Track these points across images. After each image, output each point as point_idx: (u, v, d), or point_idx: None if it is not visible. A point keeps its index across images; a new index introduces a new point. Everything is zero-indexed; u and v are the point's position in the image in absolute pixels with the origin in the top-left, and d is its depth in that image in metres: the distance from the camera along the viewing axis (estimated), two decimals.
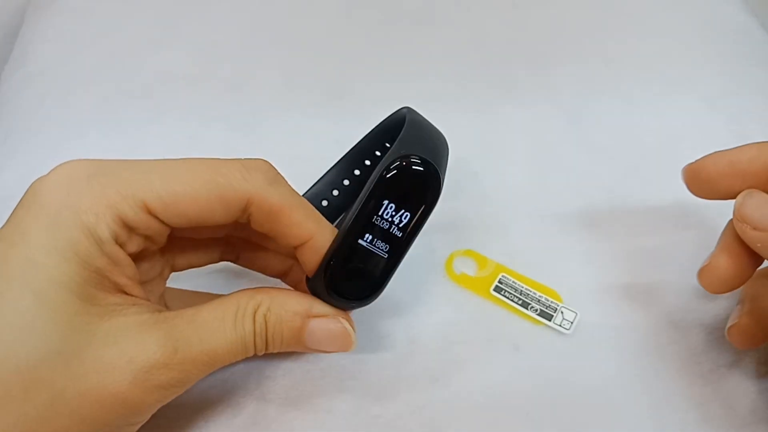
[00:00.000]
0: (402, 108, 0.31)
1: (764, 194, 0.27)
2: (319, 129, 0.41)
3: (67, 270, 0.22)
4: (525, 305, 0.32)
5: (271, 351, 0.26)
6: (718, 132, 0.41)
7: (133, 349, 0.22)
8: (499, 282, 0.33)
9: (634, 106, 0.42)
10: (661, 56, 0.46)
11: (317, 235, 0.25)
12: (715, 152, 0.28)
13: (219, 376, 0.29)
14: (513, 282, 0.33)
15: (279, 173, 0.26)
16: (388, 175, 0.25)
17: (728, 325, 0.29)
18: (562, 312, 0.32)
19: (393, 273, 0.26)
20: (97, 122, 0.41)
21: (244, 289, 0.26)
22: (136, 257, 0.25)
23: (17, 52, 0.47)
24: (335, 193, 0.34)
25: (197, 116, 0.41)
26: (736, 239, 0.27)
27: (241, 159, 0.25)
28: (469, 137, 0.40)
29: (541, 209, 0.36)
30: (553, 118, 0.41)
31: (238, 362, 0.25)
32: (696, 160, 0.29)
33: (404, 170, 0.25)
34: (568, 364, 0.30)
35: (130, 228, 0.24)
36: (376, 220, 0.25)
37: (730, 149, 0.28)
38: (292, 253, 0.27)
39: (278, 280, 0.30)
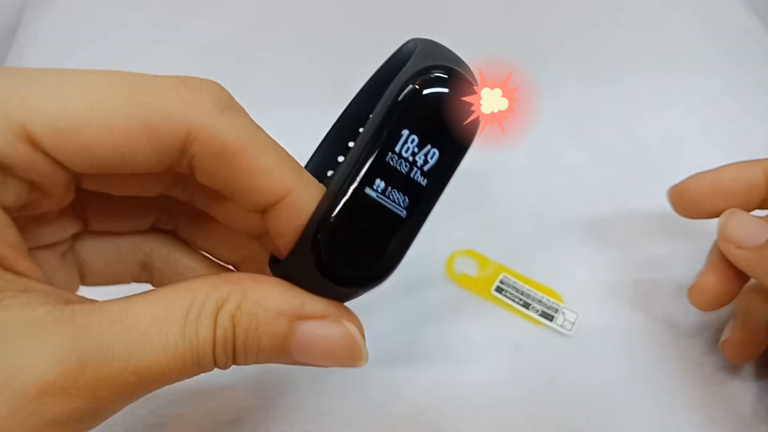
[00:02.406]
0: (408, 41, 0.22)
1: (746, 213, 0.27)
2: (320, 125, 0.40)
3: None
4: (526, 306, 0.32)
5: (242, 364, 0.18)
6: (720, 132, 0.40)
7: (13, 364, 0.14)
8: (501, 282, 0.33)
9: (636, 106, 0.42)
10: (663, 56, 0.46)
11: (297, 189, 0.18)
12: (697, 173, 0.29)
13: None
14: (514, 282, 0.33)
15: (235, 101, 0.19)
16: (406, 94, 0.17)
17: (722, 339, 0.29)
18: (563, 313, 0.32)
19: (413, 240, 0.18)
20: None
21: (206, 276, 0.18)
22: (27, 218, 0.18)
23: (14, 52, 0.46)
24: (330, 174, 0.24)
25: None
26: (722, 258, 0.28)
27: (180, 76, 0.18)
28: None
29: (542, 209, 0.36)
30: (554, 118, 0.41)
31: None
32: (679, 182, 0.30)
33: (431, 85, 0.17)
34: (569, 366, 0.30)
35: (2, 166, 0.16)
36: (392, 159, 0.17)
37: (711, 170, 0.29)
38: (255, 229, 0.20)
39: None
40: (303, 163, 0.32)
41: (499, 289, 0.33)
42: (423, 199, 0.18)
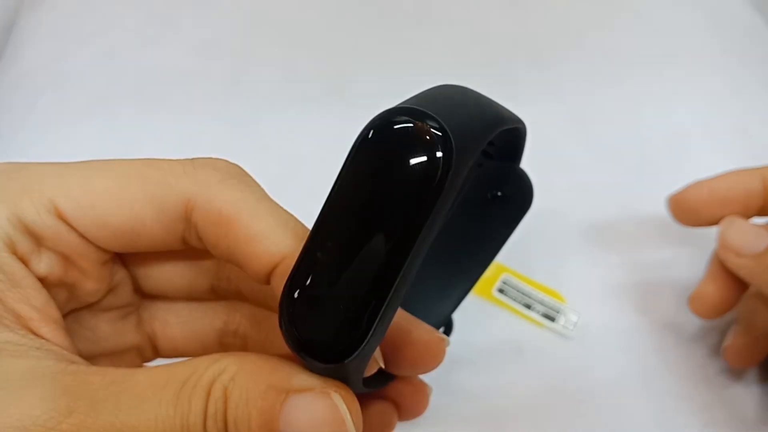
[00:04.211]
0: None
1: (745, 221, 0.28)
2: (319, 126, 0.40)
3: None
4: (528, 307, 0.32)
5: None
6: (723, 131, 0.40)
7: (3, 400, 0.15)
8: (502, 283, 0.33)
9: (639, 105, 0.42)
10: (665, 55, 0.45)
11: (293, 254, 0.17)
12: (696, 182, 0.29)
13: None
14: (516, 283, 0.33)
15: (245, 173, 0.19)
16: (358, 146, 0.16)
17: (723, 345, 0.29)
18: (565, 314, 0.31)
19: (386, 306, 0.15)
20: (91, 121, 0.40)
21: (217, 353, 0.18)
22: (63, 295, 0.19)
23: (11, 50, 0.46)
24: None
25: (194, 114, 0.41)
26: (722, 266, 0.28)
27: (195, 157, 0.19)
28: None
29: (544, 210, 0.36)
30: (556, 117, 0.41)
31: None
32: (678, 191, 0.30)
33: (380, 133, 0.15)
34: (571, 367, 0.30)
35: (35, 236, 0.18)
36: (349, 223, 0.16)
37: (710, 178, 0.29)
38: None
39: None
40: (302, 161, 0.31)
41: (500, 290, 0.32)
42: (387, 255, 0.15)
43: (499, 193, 0.25)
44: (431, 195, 0.15)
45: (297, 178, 0.26)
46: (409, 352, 0.20)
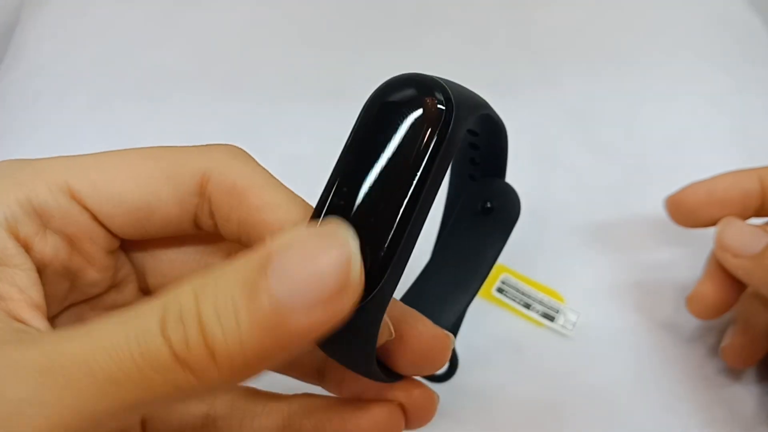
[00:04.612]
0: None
1: (742, 222, 0.28)
2: (319, 126, 0.40)
3: None
4: (527, 306, 0.32)
5: (227, 370, 0.14)
6: (722, 131, 0.40)
7: None
8: (502, 283, 0.33)
9: (638, 105, 0.42)
10: (665, 55, 0.45)
11: (304, 223, 0.17)
12: (693, 183, 0.30)
13: None
14: (515, 283, 0.33)
15: (252, 157, 0.20)
16: (368, 106, 0.17)
17: (722, 345, 0.29)
18: (564, 314, 0.32)
19: (400, 248, 0.16)
20: (93, 121, 0.41)
21: None
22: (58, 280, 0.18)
23: (12, 51, 0.46)
24: None
25: (194, 115, 0.41)
26: (719, 267, 0.28)
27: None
28: None
29: (544, 209, 0.36)
30: (556, 117, 0.41)
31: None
32: (675, 192, 0.30)
33: (390, 90, 0.17)
34: (570, 367, 0.30)
35: (43, 217, 0.18)
36: (361, 171, 0.17)
37: (707, 179, 0.29)
38: None
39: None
40: (302, 162, 0.31)
41: (500, 290, 0.32)
42: (397, 201, 0.16)
43: (489, 205, 0.27)
44: (440, 139, 0.16)
45: (297, 178, 0.26)
46: (416, 345, 0.19)
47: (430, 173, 0.16)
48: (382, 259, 0.16)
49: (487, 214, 0.27)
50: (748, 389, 0.29)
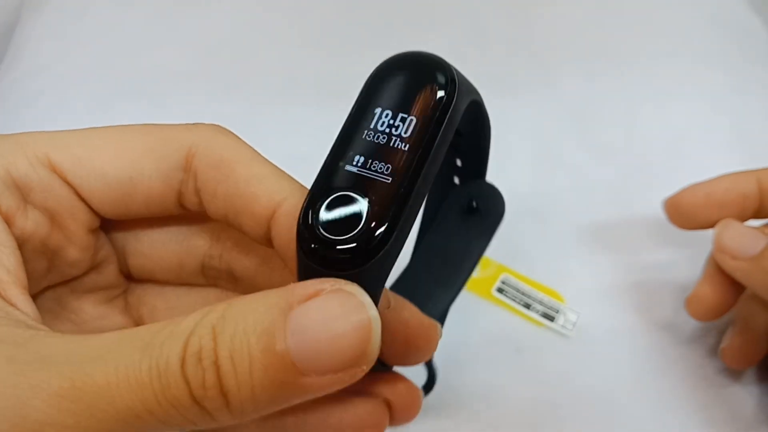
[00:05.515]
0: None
1: (740, 224, 0.28)
2: (319, 126, 0.40)
3: None
4: (527, 306, 0.32)
5: (238, 412, 0.14)
6: (722, 132, 0.40)
7: None
8: (502, 283, 0.33)
9: (638, 105, 0.42)
10: (665, 55, 0.45)
11: (293, 195, 0.18)
12: (692, 185, 0.30)
13: None
14: (515, 283, 0.33)
15: (235, 134, 0.20)
16: (375, 75, 0.19)
17: (721, 346, 0.29)
18: (564, 314, 0.32)
19: (408, 207, 0.16)
20: (93, 121, 0.40)
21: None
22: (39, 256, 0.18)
23: (12, 51, 0.46)
24: None
25: (195, 115, 0.41)
26: (718, 269, 0.28)
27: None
28: None
29: (543, 209, 0.36)
30: (555, 117, 0.41)
31: None
32: (674, 194, 0.30)
33: (396, 63, 0.19)
34: (570, 367, 0.30)
35: (24, 190, 0.17)
36: (368, 135, 0.17)
37: (706, 181, 0.29)
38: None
39: None
40: (302, 162, 0.31)
41: (500, 290, 0.32)
42: (407, 163, 0.17)
43: (474, 204, 0.27)
44: (444, 107, 0.17)
45: (297, 178, 0.26)
46: (403, 332, 0.19)
47: (436, 140, 0.17)
48: (390, 219, 0.16)
49: (472, 214, 0.27)
50: (748, 389, 0.29)
